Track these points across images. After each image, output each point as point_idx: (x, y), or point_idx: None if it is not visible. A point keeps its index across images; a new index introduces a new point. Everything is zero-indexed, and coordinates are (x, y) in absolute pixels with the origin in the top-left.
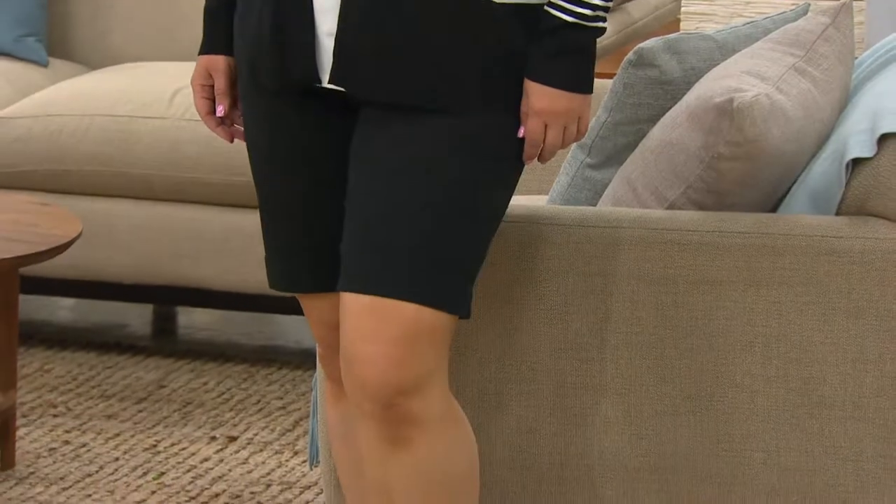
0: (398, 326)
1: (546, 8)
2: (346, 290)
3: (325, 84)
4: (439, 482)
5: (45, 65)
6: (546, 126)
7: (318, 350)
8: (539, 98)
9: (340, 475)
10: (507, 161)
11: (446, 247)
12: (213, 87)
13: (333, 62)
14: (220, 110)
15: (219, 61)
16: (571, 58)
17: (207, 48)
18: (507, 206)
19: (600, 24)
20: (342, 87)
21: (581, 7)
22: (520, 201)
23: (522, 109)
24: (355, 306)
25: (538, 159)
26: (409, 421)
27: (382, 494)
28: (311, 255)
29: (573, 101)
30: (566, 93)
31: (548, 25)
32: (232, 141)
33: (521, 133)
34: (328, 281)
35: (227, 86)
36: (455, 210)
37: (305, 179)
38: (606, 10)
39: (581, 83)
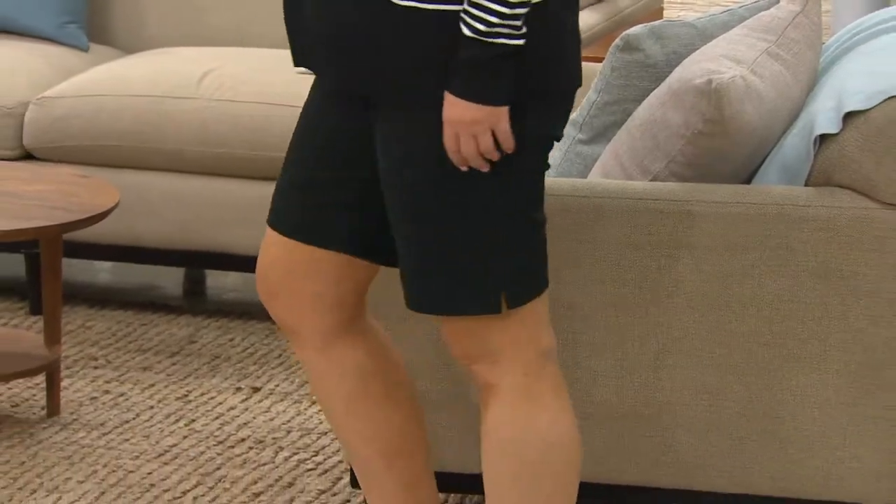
0: (455, 329)
1: (461, 16)
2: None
3: (295, 67)
4: (503, 452)
5: (85, 50)
6: (457, 136)
7: None
8: (448, 108)
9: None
10: (527, 144)
11: (480, 257)
12: None
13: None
14: None
15: None
16: (474, 70)
17: None
18: (541, 187)
19: (500, 41)
20: (305, 66)
21: (477, 22)
22: None
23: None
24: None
25: (463, 166)
26: (483, 381)
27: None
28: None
29: (479, 112)
30: (471, 104)
31: (462, 36)
32: None
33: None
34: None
35: None
36: (475, 211)
37: (327, 152)
38: (511, 27)
39: (484, 95)
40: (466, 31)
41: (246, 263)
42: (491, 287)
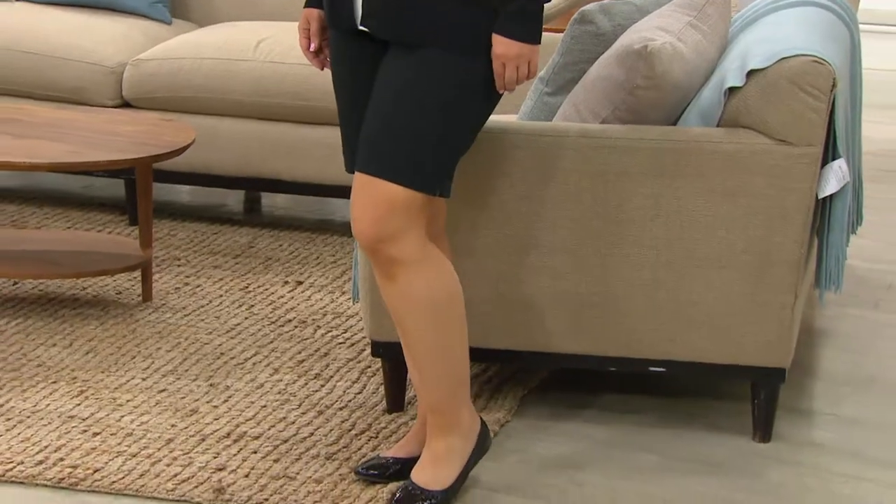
0: (379, 195)
1: None
2: (355, 169)
3: (359, 27)
4: (421, 307)
5: (169, 23)
6: (504, 66)
7: None
8: (497, 45)
9: None
10: (480, 90)
11: (422, 144)
12: (309, 29)
13: (362, 11)
14: (313, 46)
15: (313, 12)
16: (521, 17)
17: (307, 3)
18: (479, 123)
19: None
20: (367, 28)
21: None
22: (498, 118)
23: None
24: (357, 180)
25: (505, 90)
26: (391, 262)
27: (391, 312)
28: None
29: (522, 48)
30: (516, 42)
31: None
32: (322, 69)
33: None
34: None
35: (318, 30)
36: (429, 116)
37: (357, 93)
38: None
39: (527, 35)
40: None
41: (292, 187)
42: (441, 174)
